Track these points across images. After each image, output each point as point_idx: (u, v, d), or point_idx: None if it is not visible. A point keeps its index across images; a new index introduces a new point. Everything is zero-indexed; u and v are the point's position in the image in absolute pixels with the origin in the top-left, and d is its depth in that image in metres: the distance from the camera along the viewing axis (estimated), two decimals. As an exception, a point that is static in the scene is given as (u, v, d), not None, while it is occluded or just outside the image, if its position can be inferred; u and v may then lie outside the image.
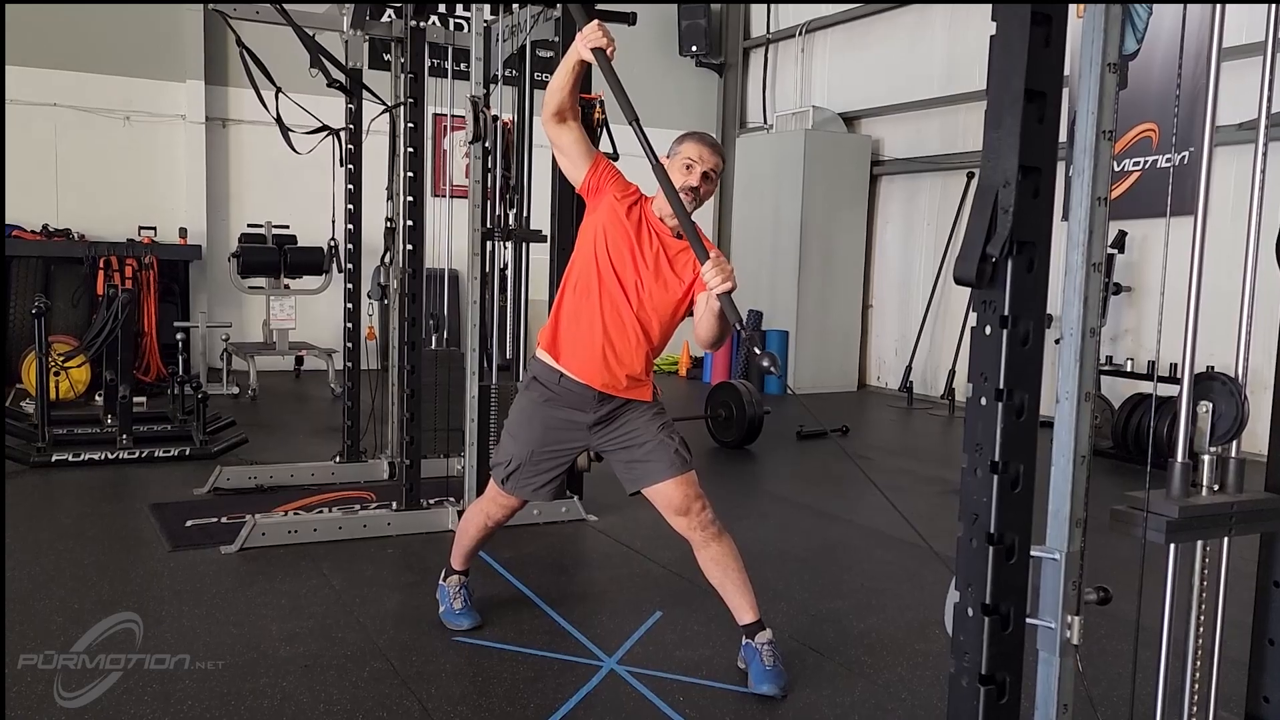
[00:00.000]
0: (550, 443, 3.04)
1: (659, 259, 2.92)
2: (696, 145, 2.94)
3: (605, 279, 2.92)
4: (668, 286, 2.93)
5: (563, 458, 3.07)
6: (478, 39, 4.51)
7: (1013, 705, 1.59)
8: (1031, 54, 1.46)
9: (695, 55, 11.11)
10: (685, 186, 2.87)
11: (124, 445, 5.56)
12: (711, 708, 2.78)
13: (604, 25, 2.81)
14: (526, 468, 3.06)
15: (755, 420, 6.40)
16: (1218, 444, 1.87)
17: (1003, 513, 1.55)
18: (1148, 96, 6.96)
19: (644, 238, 2.93)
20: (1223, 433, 1.85)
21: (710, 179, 2.93)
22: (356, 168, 5.19)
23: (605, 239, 2.92)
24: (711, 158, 2.93)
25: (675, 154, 2.95)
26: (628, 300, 2.92)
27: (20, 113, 8.38)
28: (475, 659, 3.08)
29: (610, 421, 3.00)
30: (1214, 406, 1.85)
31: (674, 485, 2.92)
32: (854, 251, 9.69)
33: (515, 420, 3.11)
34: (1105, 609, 1.71)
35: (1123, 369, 6.43)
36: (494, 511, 3.21)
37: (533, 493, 3.11)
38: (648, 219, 2.95)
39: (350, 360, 5.37)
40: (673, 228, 2.94)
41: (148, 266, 8.04)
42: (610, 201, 2.94)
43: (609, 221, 2.93)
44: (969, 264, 1.52)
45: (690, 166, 2.90)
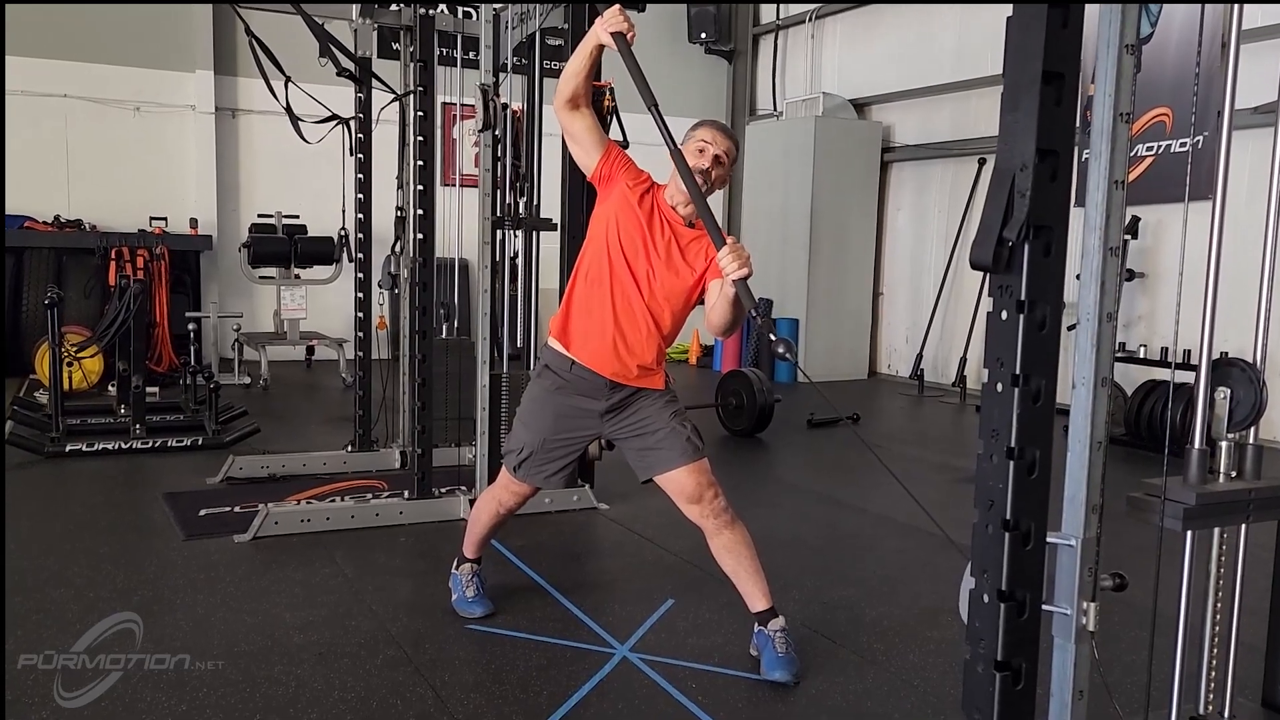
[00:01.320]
0: (562, 430, 3.04)
1: (670, 247, 2.91)
2: (710, 130, 2.96)
3: (616, 268, 2.91)
4: (679, 274, 2.92)
5: (575, 445, 3.07)
6: (487, 27, 4.50)
7: (1028, 692, 1.59)
8: (1049, 35, 1.45)
9: (704, 42, 11.06)
10: (696, 169, 2.86)
11: (137, 435, 5.59)
12: (724, 695, 2.79)
13: (624, 10, 2.79)
14: (538, 455, 3.06)
15: (766, 408, 6.39)
16: (1235, 430, 1.86)
17: (1019, 499, 1.54)
18: (1162, 80, 6.90)
19: (656, 226, 2.92)
20: (1240, 419, 1.84)
21: (722, 163, 2.93)
22: (366, 157, 5.18)
23: (617, 227, 2.91)
24: (725, 142, 2.94)
25: (690, 139, 2.96)
26: (639, 289, 2.91)
27: (31, 104, 8.40)
28: (488, 647, 3.09)
29: (622, 409, 3.00)
30: (1232, 393, 1.84)
31: (686, 473, 2.92)
32: (865, 239, 9.65)
33: (527, 408, 3.11)
34: (1121, 595, 1.70)
35: (1136, 355, 6.40)
36: (506, 499, 3.22)
37: (545, 480, 3.11)
38: (659, 207, 2.94)
39: (361, 350, 5.37)
40: (685, 216, 2.93)
41: (159, 257, 8.05)
42: (622, 190, 2.93)
43: (621, 210, 2.92)
44: (985, 248, 1.51)
45: (704, 149, 2.91)
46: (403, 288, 5.11)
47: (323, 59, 4.51)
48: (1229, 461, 1.87)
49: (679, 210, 2.93)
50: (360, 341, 5.38)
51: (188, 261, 8.90)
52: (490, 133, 4.39)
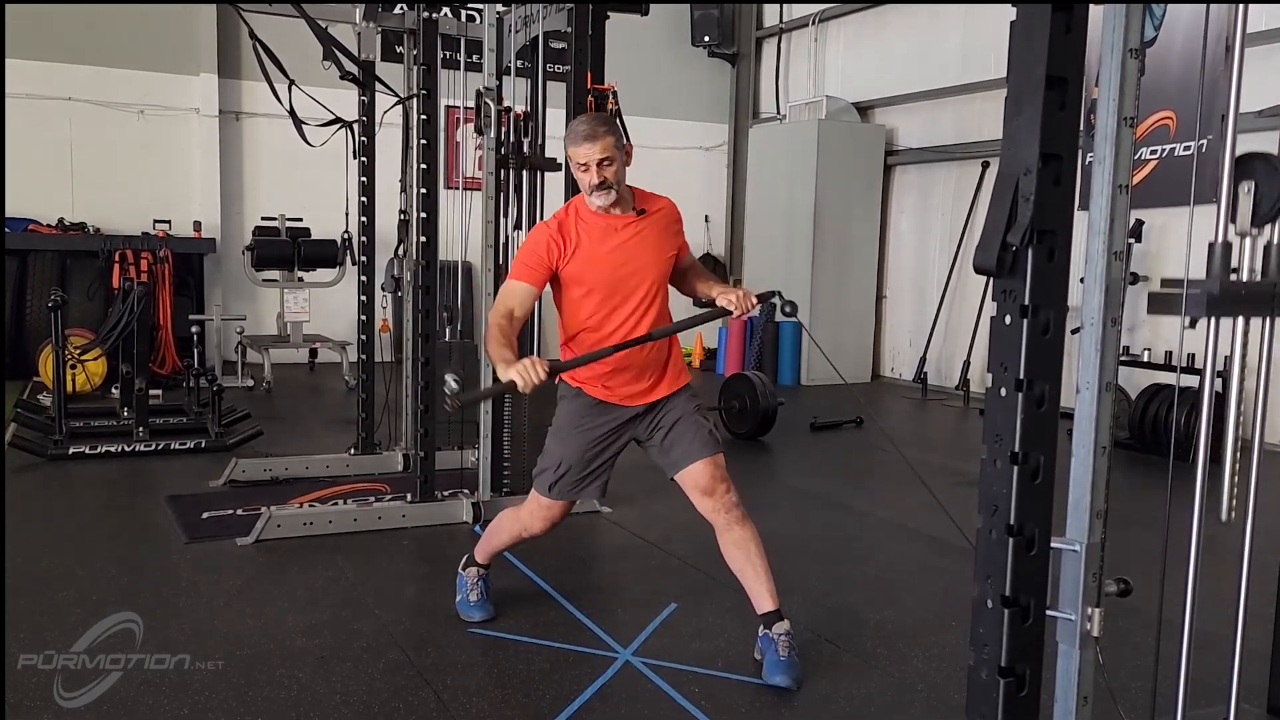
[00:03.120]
0: (602, 442, 3.02)
1: (625, 248, 2.92)
2: (575, 145, 2.86)
3: (609, 322, 2.93)
4: (650, 263, 2.93)
5: (611, 453, 3.07)
6: (490, 30, 4.50)
7: (1033, 697, 1.58)
8: (1053, 40, 1.45)
9: (708, 45, 11.05)
10: (592, 187, 2.85)
11: (140, 438, 5.59)
12: (727, 699, 2.78)
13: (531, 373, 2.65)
14: (577, 469, 3.01)
15: (769, 411, 6.38)
16: (1260, 224, 1.80)
17: (1023, 504, 1.54)
18: (1165, 84, 6.88)
19: (616, 238, 2.91)
20: (1266, 211, 1.78)
21: (610, 162, 2.85)
22: (370, 160, 5.18)
23: (582, 284, 2.91)
24: (593, 147, 2.83)
25: (572, 163, 2.89)
26: (635, 322, 2.93)
27: (35, 107, 8.41)
28: (491, 650, 3.08)
29: (653, 409, 3.03)
30: (1255, 186, 1.78)
31: (703, 465, 2.94)
32: (868, 242, 9.64)
33: (562, 425, 3.05)
34: (1125, 601, 1.69)
35: (1140, 359, 6.38)
36: (533, 525, 3.15)
37: (583, 492, 3.08)
38: (589, 226, 2.91)
39: (364, 353, 5.37)
40: (610, 206, 2.90)
41: (162, 260, 8.05)
42: (560, 266, 2.90)
43: (569, 275, 2.91)
44: (989, 253, 1.50)
45: (585, 167, 2.85)
46: (406, 291, 5.11)
47: (326, 62, 4.51)
48: (1253, 259, 1.80)
49: (612, 211, 2.91)
50: (363, 344, 5.38)
51: (191, 264, 8.90)
52: (487, 136, 4.39)
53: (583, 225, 2.92)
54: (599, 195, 2.86)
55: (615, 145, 2.87)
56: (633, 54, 7.93)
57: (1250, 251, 1.79)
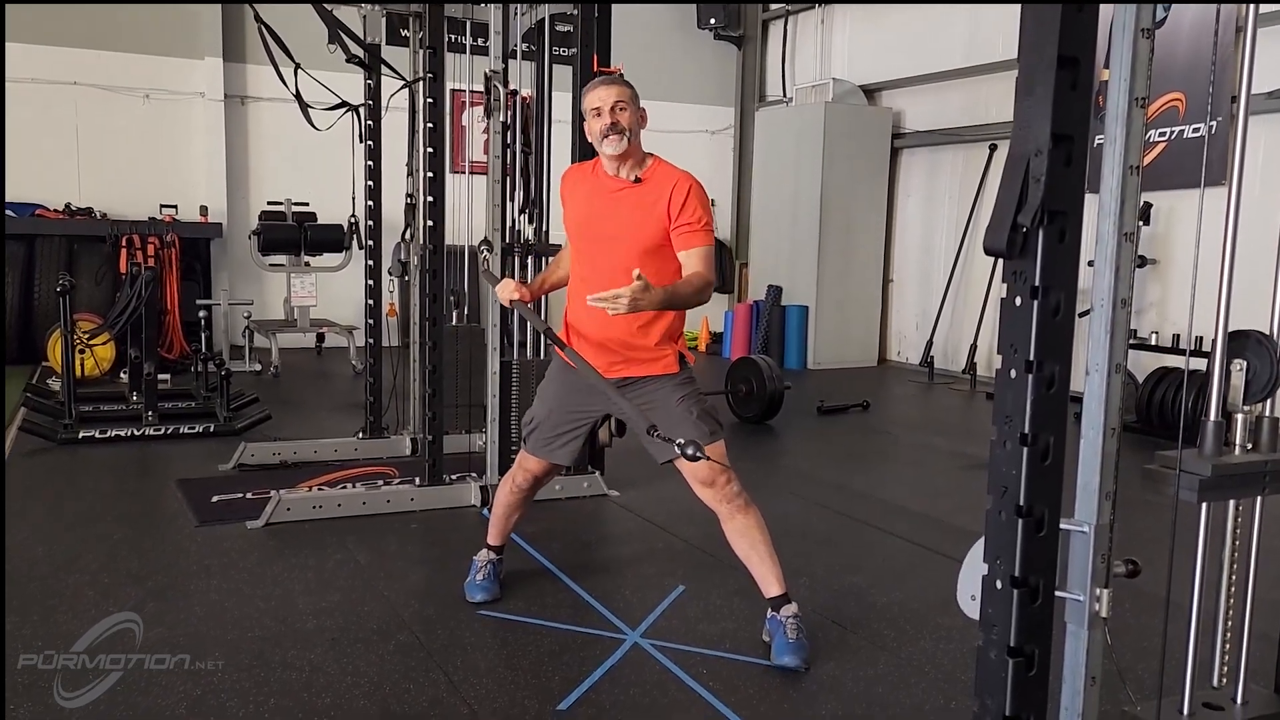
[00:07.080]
0: (572, 405, 3.08)
1: (619, 205, 2.95)
2: (591, 92, 2.93)
3: (585, 250, 3.03)
4: (642, 226, 2.91)
5: (582, 421, 3.10)
6: (496, 12, 4.48)
7: (1041, 677, 1.59)
8: (1065, 20, 1.44)
9: (714, 28, 11.01)
10: (604, 130, 2.87)
11: (149, 422, 5.61)
12: (735, 680, 2.79)
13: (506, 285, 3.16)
14: (544, 427, 3.12)
15: (776, 395, 6.38)
16: (1252, 402, 1.84)
17: (1032, 485, 1.54)
18: (1175, 66, 6.84)
19: (601, 198, 2.98)
20: (1257, 391, 1.82)
21: (623, 108, 2.89)
22: (376, 144, 5.18)
23: (575, 224, 3.06)
24: (611, 92, 2.89)
25: (586, 112, 2.94)
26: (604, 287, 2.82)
27: (41, 91, 8.42)
28: (500, 632, 3.10)
29: (629, 389, 2.99)
30: (1248, 365, 1.82)
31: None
32: (874, 226, 9.61)
33: (544, 382, 3.22)
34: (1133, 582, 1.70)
35: (1148, 342, 6.37)
36: (519, 477, 3.26)
37: (549, 453, 3.14)
38: (601, 183, 3.00)
39: (371, 337, 5.39)
40: (626, 176, 2.95)
41: (169, 244, 8.06)
42: (565, 214, 3.11)
43: (570, 212, 3.09)
44: (999, 234, 1.50)
45: (598, 111, 2.89)
46: (413, 275, 5.12)
47: (332, 46, 4.51)
48: (1245, 434, 1.84)
49: (624, 175, 2.95)
50: (370, 328, 5.39)
51: (198, 249, 8.92)
52: (498, 119, 4.38)
53: (585, 179, 3.07)
54: (609, 143, 2.87)
55: (632, 99, 2.93)
56: (639, 37, 7.88)
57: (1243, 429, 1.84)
